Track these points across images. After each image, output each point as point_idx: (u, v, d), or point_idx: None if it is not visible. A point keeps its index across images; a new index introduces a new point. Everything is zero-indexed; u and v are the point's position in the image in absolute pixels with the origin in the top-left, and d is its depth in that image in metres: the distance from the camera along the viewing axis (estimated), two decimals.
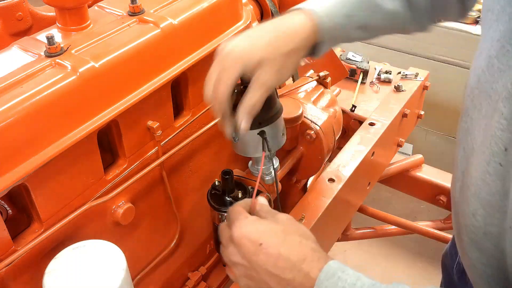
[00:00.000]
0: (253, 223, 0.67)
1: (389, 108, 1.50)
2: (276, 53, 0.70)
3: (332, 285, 0.60)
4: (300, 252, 0.64)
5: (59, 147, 0.70)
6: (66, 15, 0.80)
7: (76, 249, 0.72)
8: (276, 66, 0.70)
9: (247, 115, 0.70)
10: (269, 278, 0.65)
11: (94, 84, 0.73)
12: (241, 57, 0.69)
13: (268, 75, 0.69)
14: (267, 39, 0.71)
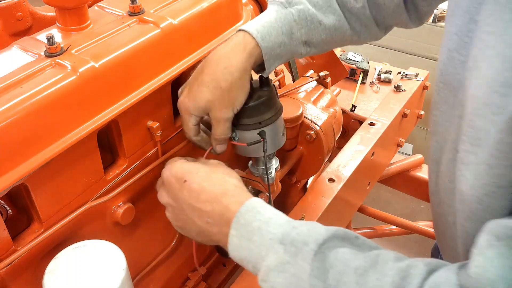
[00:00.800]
0: (181, 163, 0.75)
1: (389, 108, 1.50)
2: (216, 92, 0.77)
3: (251, 218, 0.65)
4: (222, 186, 0.70)
5: (59, 147, 0.70)
6: (66, 15, 0.80)
7: (76, 249, 0.72)
8: (223, 102, 0.78)
9: (217, 144, 0.83)
10: (192, 213, 0.71)
11: (94, 84, 0.73)
12: (189, 109, 0.80)
13: (219, 112, 0.78)
14: (205, 82, 0.78)
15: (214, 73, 0.77)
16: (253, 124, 0.83)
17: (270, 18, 0.81)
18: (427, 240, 1.84)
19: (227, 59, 0.77)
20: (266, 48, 0.79)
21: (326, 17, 0.84)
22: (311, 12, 0.83)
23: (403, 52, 2.25)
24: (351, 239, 0.62)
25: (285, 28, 0.81)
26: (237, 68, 0.77)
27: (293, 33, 0.82)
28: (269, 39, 0.79)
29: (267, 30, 0.79)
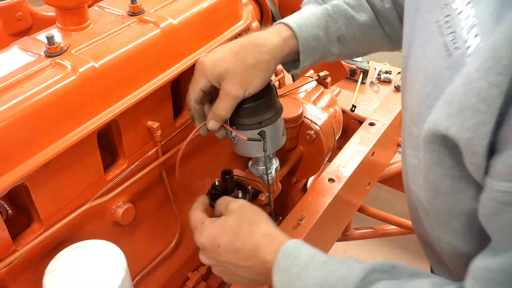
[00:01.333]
0: (209, 228, 0.76)
1: (389, 108, 1.50)
2: (240, 64, 0.75)
3: (289, 264, 0.66)
4: (253, 241, 0.72)
5: (59, 147, 0.70)
6: (66, 15, 0.80)
7: (76, 249, 0.72)
8: (240, 77, 0.75)
9: (213, 119, 0.80)
10: (237, 270, 0.73)
11: (94, 84, 0.73)
12: (205, 70, 0.77)
13: (231, 86, 0.76)
14: (233, 51, 0.76)
15: (244, 47, 0.76)
16: (253, 124, 0.83)
17: (306, 13, 0.83)
18: None
19: (262, 40, 0.77)
20: (302, 38, 0.79)
21: (359, 15, 0.85)
22: (345, 8, 0.84)
23: None
24: (388, 270, 0.62)
25: (320, 22, 0.82)
26: (269, 50, 0.76)
27: (328, 27, 0.83)
28: (305, 30, 0.80)
29: (304, 22, 0.80)
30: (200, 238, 0.76)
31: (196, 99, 0.80)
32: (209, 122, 0.80)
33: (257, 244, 0.71)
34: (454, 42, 0.51)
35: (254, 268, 0.71)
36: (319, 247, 0.68)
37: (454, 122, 0.49)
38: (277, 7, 1.26)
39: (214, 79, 0.77)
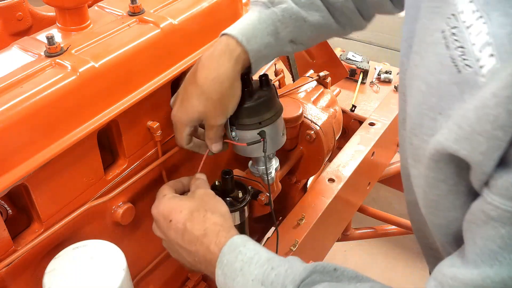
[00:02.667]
0: (167, 201, 0.77)
1: (389, 108, 1.50)
2: (208, 103, 0.78)
3: (233, 259, 0.67)
4: (202, 226, 0.72)
5: (59, 147, 0.70)
6: (66, 15, 0.80)
7: (76, 249, 0.72)
8: (214, 111, 0.79)
9: (213, 143, 0.84)
10: (181, 250, 0.74)
11: (94, 84, 0.73)
12: (182, 121, 0.81)
13: (212, 120, 0.80)
14: (195, 94, 0.78)
15: (203, 85, 0.77)
16: (253, 124, 0.83)
17: (254, 19, 0.80)
18: None
19: (215, 70, 0.77)
20: (252, 51, 0.78)
21: (310, 15, 0.82)
22: (295, 10, 0.81)
23: None
24: (330, 272, 0.63)
25: (269, 28, 0.80)
26: (226, 77, 0.77)
27: (278, 33, 0.81)
28: (254, 41, 0.78)
29: (252, 33, 0.78)
30: (155, 209, 0.78)
31: (187, 143, 0.85)
32: (211, 147, 0.84)
33: (205, 231, 0.72)
34: (463, 58, 0.49)
35: (197, 254, 0.72)
36: (319, 247, 0.69)
37: (464, 146, 0.47)
38: None
39: (194, 124, 0.82)
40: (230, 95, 0.78)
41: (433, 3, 0.54)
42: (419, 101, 0.55)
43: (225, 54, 0.77)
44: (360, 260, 2.20)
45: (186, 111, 0.80)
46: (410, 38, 0.62)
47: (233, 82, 0.78)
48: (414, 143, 0.58)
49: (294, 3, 0.81)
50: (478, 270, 0.48)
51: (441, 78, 0.51)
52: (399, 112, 0.73)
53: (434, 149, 0.51)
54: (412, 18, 0.63)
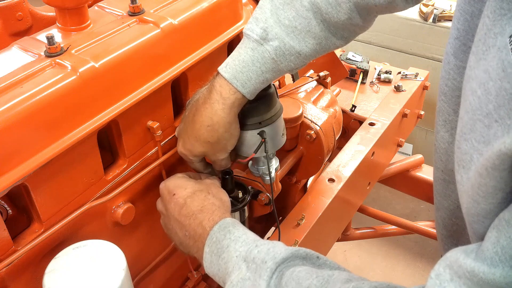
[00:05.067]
0: (176, 179, 0.83)
1: (389, 108, 1.50)
2: (208, 146, 0.81)
3: (222, 237, 0.71)
4: (201, 203, 0.77)
5: (59, 147, 0.70)
6: (66, 15, 0.80)
7: (76, 249, 0.72)
8: (215, 150, 0.82)
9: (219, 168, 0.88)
10: (175, 224, 0.79)
11: (94, 84, 0.73)
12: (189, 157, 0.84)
13: (214, 156, 0.84)
14: (194, 136, 0.81)
15: (199, 131, 0.80)
16: (253, 124, 0.83)
17: (247, 60, 0.77)
18: (427, 240, 1.85)
19: (209, 118, 0.78)
20: (249, 93, 0.78)
21: (305, 44, 0.79)
22: (288, 47, 0.77)
23: (403, 52, 2.25)
24: (312, 259, 0.65)
25: (264, 67, 0.78)
26: (220, 125, 0.79)
27: (273, 68, 0.79)
28: (249, 84, 0.77)
29: (246, 76, 0.77)
30: (163, 183, 0.83)
31: (204, 169, 0.89)
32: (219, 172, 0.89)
33: (202, 208, 0.76)
34: None
35: (189, 227, 0.75)
36: (319, 247, 0.69)
37: None
38: None
39: (200, 158, 0.85)
40: (226, 138, 0.81)
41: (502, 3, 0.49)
42: (473, 105, 0.52)
43: (219, 102, 0.78)
44: (360, 260, 2.20)
45: (189, 150, 0.83)
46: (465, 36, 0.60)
47: (229, 127, 0.80)
48: (462, 148, 0.55)
49: (287, 36, 0.77)
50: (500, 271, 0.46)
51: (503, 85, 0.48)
52: (439, 113, 0.69)
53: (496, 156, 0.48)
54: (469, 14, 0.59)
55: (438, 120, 0.70)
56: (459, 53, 0.63)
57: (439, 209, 0.76)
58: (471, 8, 0.60)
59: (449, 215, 0.73)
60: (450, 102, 0.66)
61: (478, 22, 0.57)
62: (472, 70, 0.53)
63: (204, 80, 0.87)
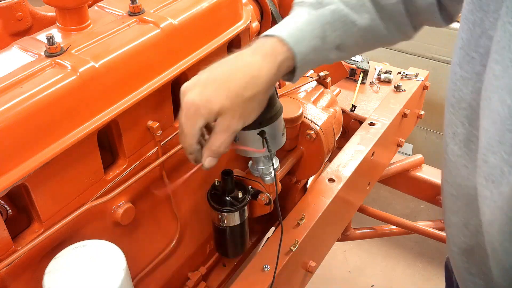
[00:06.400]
0: None
1: (389, 108, 1.50)
2: (237, 100, 0.69)
3: None
4: None
5: (59, 147, 0.70)
6: (66, 15, 0.80)
7: (76, 249, 0.72)
8: (237, 112, 0.70)
9: (210, 156, 0.73)
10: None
11: (94, 84, 0.73)
12: (200, 110, 0.69)
13: (229, 122, 0.70)
14: (226, 85, 0.69)
15: (239, 80, 0.69)
16: (253, 124, 0.83)
17: (301, 21, 0.73)
18: (427, 240, 1.84)
19: (257, 69, 0.70)
20: (300, 54, 0.71)
21: (360, 17, 0.76)
22: (345, 12, 0.75)
23: (403, 52, 2.25)
24: None
25: (317, 31, 0.73)
26: (265, 80, 0.70)
27: (326, 36, 0.74)
28: (302, 44, 0.71)
29: (300, 34, 0.72)
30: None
31: (197, 141, 0.72)
32: (205, 161, 0.73)
33: None
34: None
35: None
36: (319, 247, 0.68)
37: None
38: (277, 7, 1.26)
39: (211, 117, 0.70)
40: (260, 101, 0.72)
41: None
42: (502, 116, 0.49)
43: (270, 56, 0.70)
44: (360, 260, 2.20)
45: (208, 99, 0.69)
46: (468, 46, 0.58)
47: (269, 89, 0.72)
48: (490, 162, 0.52)
49: (343, 4, 0.75)
50: None
51: None
52: (448, 125, 0.67)
53: None
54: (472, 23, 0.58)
55: (447, 133, 0.67)
56: (464, 63, 0.61)
57: (449, 226, 0.73)
58: (473, 17, 0.59)
59: (457, 232, 0.70)
60: (457, 114, 0.64)
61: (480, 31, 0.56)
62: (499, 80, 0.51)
63: None
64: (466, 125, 0.63)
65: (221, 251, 1.02)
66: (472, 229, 0.66)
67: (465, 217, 0.67)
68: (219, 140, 0.71)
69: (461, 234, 0.69)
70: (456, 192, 0.67)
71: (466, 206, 0.66)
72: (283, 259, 0.99)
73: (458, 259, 0.72)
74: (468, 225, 0.67)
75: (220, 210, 0.92)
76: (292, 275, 1.07)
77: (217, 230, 0.96)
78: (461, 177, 0.65)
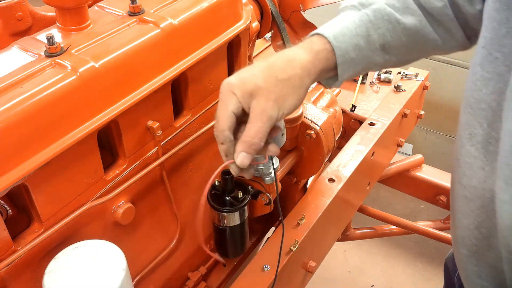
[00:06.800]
0: None
1: (389, 108, 1.50)
2: (271, 80, 0.66)
3: None
4: None
5: (59, 147, 0.70)
6: (66, 15, 0.80)
7: (76, 249, 0.72)
8: (272, 94, 0.66)
9: (243, 151, 0.67)
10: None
11: (94, 84, 0.73)
12: (233, 87, 0.66)
13: (264, 103, 0.65)
14: (261, 67, 0.68)
15: (273, 62, 0.68)
16: None
17: (342, 20, 0.73)
18: (427, 240, 1.84)
19: (293, 55, 0.69)
20: (339, 49, 0.69)
21: (405, 18, 0.74)
22: (388, 11, 0.73)
23: None
24: None
25: (360, 29, 0.72)
26: (300, 64, 0.68)
27: (369, 35, 0.72)
28: (342, 39, 0.70)
29: (340, 31, 0.71)
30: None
31: (230, 127, 0.67)
32: (238, 156, 0.67)
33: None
34: None
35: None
36: (319, 247, 0.68)
37: None
38: (277, 7, 1.26)
39: (244, 97, 0.66)
40: (295, 86, 0.68)
41: None
42: None
43: (307, 47, 0.70)
44: (360, 260, 2.20)
45: (242, 78, 0.67)
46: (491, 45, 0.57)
47: (305, 76, 0.68)
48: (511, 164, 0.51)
49: (386, 4, 0.74)
50: None
51: None
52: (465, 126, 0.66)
53: None
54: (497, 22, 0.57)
55: (464, 134, 0.66)
56: (485, 63, 0.60)
57: (458, 227, 0.71)
58: (499, 16, 0.58)
59: (469, 234, 0.69)
60: (476, 114, 0.63)
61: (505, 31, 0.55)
62: None
63: (204, 80, 0.87)
64: (484, 126, 0.62)
65: (221, 251, 1.02)
66: (484, 232, 0.65)
67: (478, 220, 0.66)
68: (253, 128, 0.65)
69: (472, 236, 0.68)
70: (470, 194, 0.66)
71: (480, 209, 0.65)
72: (283, 259, 0.99)
73: (467, 261, 0.71)
74: (481, 227, 0.66)
75: (220, 210, 0.92)
76: (292, 275, 1.07)
77: (217, 230, 0.96)
78: (476, 179, 0.64)
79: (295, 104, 0.69)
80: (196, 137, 0.96)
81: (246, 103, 0.66)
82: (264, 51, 1.53)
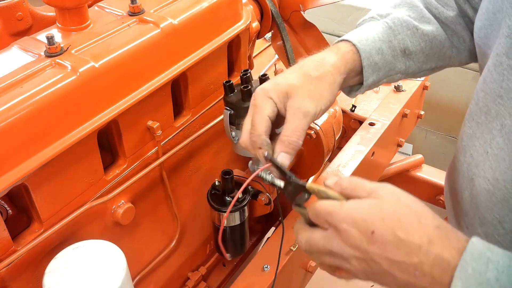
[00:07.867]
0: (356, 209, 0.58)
1: (389, 108, 1.50)
2: (304, 79, 0.68)
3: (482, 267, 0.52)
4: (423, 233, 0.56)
5: (59, 147, 0.70)
6: (66, 15, 0.80)
7: (76, 249, 0.72)
8: (307, 91, 0.67)
9: (283, 151, 0.65)
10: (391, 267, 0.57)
11: (94, 84, 0.73)
12: (268, 92, 0.67)
13: (300, 101, 0.66)
14: (293, 69, 0.70)
15: (304, 63, 0.70)
16: None
17: (365, 28, 0.77)
18: None
19: (322, 57, 0.71)
20: (364, 52, 0.72)
21: (422, 25, 0.78)
22: (406, 19, 0.78)
23: None
24: None
25: (381, 35, 0.75)
26: (330, 62, 0.70)
27: (390, 40, 0.76)
28: (366, 43, 0.73)
29: (364, 36, 0.74)
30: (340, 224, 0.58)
31: (266, 131, 0.66)
32: (278, 155, 0.65)
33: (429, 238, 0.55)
34: None
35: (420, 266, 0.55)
36: None
37: None
38: (277, 7, 1.26)
39: (280, 97, 0.66)
40: (328, 82, 0.69)
41: None
42: None
43: (334, 51, 0.72)
44: None
45: (276, 82, 0.68)
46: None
47: (335, 72, 0.70)
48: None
49: (404, 14, 0.79)
50: None
51: None
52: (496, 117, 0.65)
53: None
54: None
55: (495, 125, 0.64)
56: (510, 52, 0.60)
57: (482, 225, 0.69)
58: None
59: (492, 230, 0.67)
60: (506, 104, 0.62)
61: None
62: None
63: (204, 80, 0.87)
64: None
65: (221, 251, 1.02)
66: (507, 226, 0.65)
67: (500, 214, 0.65)
68: (290, 126, 0.65)
69: (495, 233, 0.66)
70: (493, 187, 0.65)
71: (502, 202, 0.64)
72: (283, 259, 0.99)
73: None
74: (504, 222, 0.65)
75: (220, 210, 0.92)
76: (292, 275, 1.07)
77: (217, 230, 0.96)
78: (499, 171, 0.64)
79: (331, 100, 0.70)
80: (196, 137, 0.96)
81: (282, 103, 0.67)
82: (264, 51, 1.54)
